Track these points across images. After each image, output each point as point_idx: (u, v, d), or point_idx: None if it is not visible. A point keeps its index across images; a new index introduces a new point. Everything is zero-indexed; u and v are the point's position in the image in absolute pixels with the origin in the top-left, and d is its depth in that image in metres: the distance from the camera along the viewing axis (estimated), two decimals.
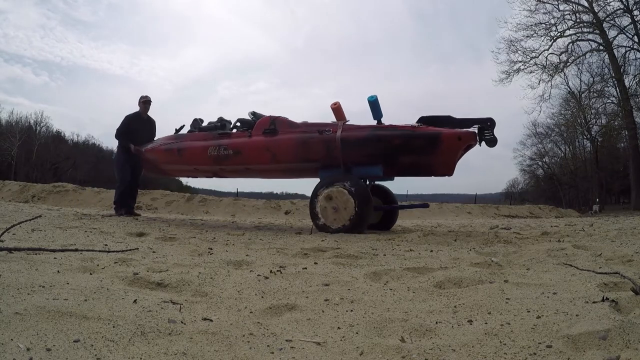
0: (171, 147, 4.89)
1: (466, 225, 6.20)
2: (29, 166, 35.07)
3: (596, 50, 19.90)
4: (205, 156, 4.57)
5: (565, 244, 2.51)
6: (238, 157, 4.39)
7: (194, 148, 4.70)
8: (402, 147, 3.77)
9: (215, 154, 4.50)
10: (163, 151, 4.97)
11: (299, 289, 1.44)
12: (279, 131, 4.26)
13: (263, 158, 4.28)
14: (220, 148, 4.47)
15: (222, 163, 4.51)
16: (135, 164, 5.54)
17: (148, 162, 5.30)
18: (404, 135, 3.77)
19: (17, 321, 0.92)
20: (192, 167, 4.85)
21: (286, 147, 4.16)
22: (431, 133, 3.73)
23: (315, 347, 0.93)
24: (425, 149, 3.73)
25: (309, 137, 4.08)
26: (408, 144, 3.76)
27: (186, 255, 2.10)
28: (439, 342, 0.93)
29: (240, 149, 4.37)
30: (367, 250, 2.47)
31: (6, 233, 2.12)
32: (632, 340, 0.86)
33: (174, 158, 4.86)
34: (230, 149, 4.41)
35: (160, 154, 5.02)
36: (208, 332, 0.97)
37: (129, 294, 1.22)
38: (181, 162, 4.85)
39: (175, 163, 4.93)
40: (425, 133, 3.75)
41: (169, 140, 5.06)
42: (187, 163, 4.81)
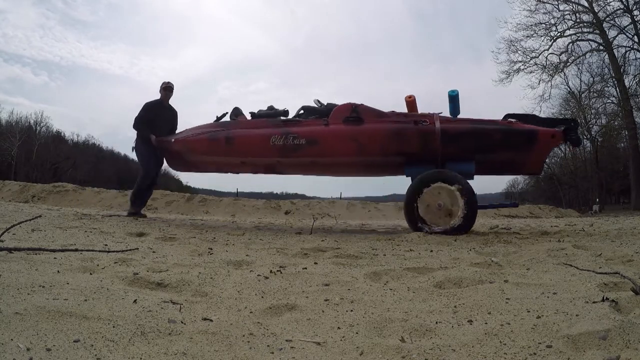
0: (216, 136, 4.21)
1: None
2: (29, 166, 35.08)
3: (596, 50, 19.90)
4: (267, 146, 3.97)
5: (565, 244, 2.50)
6: (313, 147, 3.85)
7: (251, 137, 4.09)
8: (501, 142, 3.64)
9: (281, 143, 3.92)
10: (204, 141, 4.26)
11: (299, 289, 1.44)
12: (365, 120, 3.84)
13: (347, 150, 3.81)
14: (288, 137, 3.90)
15: (289, 154, 3.94)
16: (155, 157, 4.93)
17: (176, 154, 4.59)
18: (505, 130, 3.66)
19: (17, 321, 0.92)
20: (245, 160, 4.24)
21: (377, 137, 3.75)
22: (529, 130, 3.67)
23: (315, 347, 0.93)
24: (522, 145, 3.66)
25: (404, 127, 3.75)
26: (507, 139, 3.63)
27: (186, 255, 2.10)
28: (439, 342, 0.93)
29: (317, 138, 3.84)
30: (367, 250, 2.46)
31: (6, 233, 2.12)
32: (632, 340, 0.86)
33: (220, 149, 4.18)
34: (303, 138, 3.86)
35: (199, 144, 4.30)
36: (208, 332, 0.97)
37: (129, 294, 1.22)
38: (229, 154, 4.19)
39: (219, 154, 4.25)
40: (524, 129, 3.67)
41: (210, 129, 4.36)
42: (239, 154, 4.17)
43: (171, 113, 5.17)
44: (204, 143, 4.26)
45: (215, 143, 4.21)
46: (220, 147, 4.18)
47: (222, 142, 4.16)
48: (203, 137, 4.29)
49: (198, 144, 4.31)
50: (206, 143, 4.25)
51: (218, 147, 4.19)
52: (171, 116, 5.16)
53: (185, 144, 4.40)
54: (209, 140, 4.24)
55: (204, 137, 4.29)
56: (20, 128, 35.67)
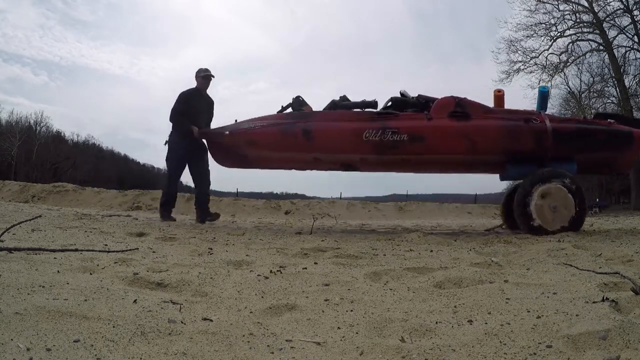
0: (291, 129, 3.78)
1: (466, 225, 6.20)
2: (29, 166, 35.10)
3: (596, 50, 19.89)
4: (359, 141, 3.62)
5: (565, 244, 2.50)
6: (417, 144, 3.58)
7: (338, 131, 3.71)
8: (604, 143, 3.63)
9: (377, 139, 3.59)
10: (274, 134, 3.82)
11: (299, 289, 1.44)
12: (472, 115, 3.64)
13: (457, 147, 3.60)
14: (385, 132, 3.59)
15: (385, 152, 3.64)
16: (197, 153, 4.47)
17: (229, 148, 4.12)
18: (609, 131, 3.66)
19: (17, 321, 0.92)
20: (324, 156, 3.83)
21: (489, 135, 3.58)
22: (627, 131, 3.68)
23: (315, 347, 0.93)
24: (621, 146, 3.67)
25: (516, 125, 3.60)
26: (610, 140, 3.63)
27: (186, 255, 2.10)
28: (439, 342, 0.93)
29: (423, 134, 3.58)
30: (367, 250, 2.46)
31: (6, 233, 2.12)
32: (632, 340, 0.86)
33: (295, 143, 3.77)
34: (405, 133, 3.57)
35: (266, 138, 3.85)
36: (208, 332, 0.97)
37: (129, 294, 1.22)
38: (306, 149, 3.77)
39: (292, 149, 3.83)
40: (624, 130, 3.69)
41: (278, 120, 3.92)
42: (319, 150, 3.76)
43: (208, 103, 4.70)
44: (274, 136, 3.82)
45: (289, 136, 3.77)
46: (296, 141, 3.74)
47: (298, 135, 3.73)
48: (273, 129, 3.85)
49: (265, 137, 3.85)
50: (277, 136, 3.81)
51: (293, 141, 3.76)
52: (208, 106, 4.70)
53: (248, 137, 3.92)
54: (281, 134, 3.80)
55: (274, 129, 3.85)
56: (20, 128, 35.70)
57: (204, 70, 4.68)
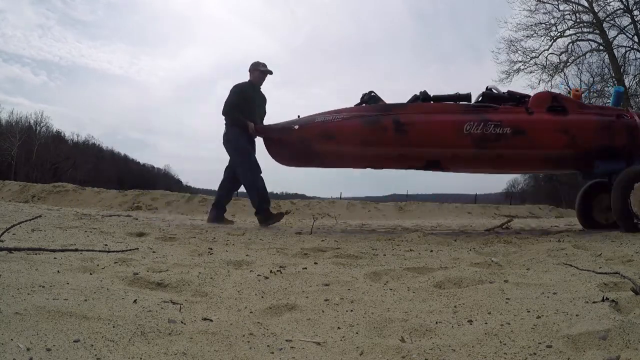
0: (379, 121, 3.49)
1: (466, 225, 6.20)
2: (29, 166, 35.10)
3: (596, 50, 19.89)
4: (459, 135, 3.43)
5: (565, 244, 2.50)
6: (519, 138, 3.42)
7: (436, 122, 3.48)
8: None
9: (479, 132, 3.41)
10: (357, 127, 3.51)
11: (299, 289, 1.44)
12: (569, 110, 3.54)
13: (558, 142, 3.47)
14: (487, 125, 3.40)
15: (488, 145, 3.44)
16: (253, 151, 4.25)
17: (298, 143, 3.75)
18: None
19: (17, 321, 0.92)
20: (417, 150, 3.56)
21: (588, 129, 3.48)
22: None
23: (315, 347, 0.93)
24: None
25: (611, 120, 3.53)
26: None
27: (186, 255, 2.10)
28: (439, 342, 0.93)
29: (525, 127, 3.44)
30: (367, 250, 2.46)
31: (6, 233, 2.12)
32: (632, 340, 0.86)
33: (383, 136, 3.49)
34: (508, 126, 3.41)
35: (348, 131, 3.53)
36: (208, 332, 0.97)
37: (129, 294, 1.22)
38: (395, 143, 3.51)
39: (379, 144, 3.55)
40: None
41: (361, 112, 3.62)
42: (414, 143, 3.50)
43: (263, 99, 4.41)
44: (358, 129, 3.51)
45: (377, 130, 3.48)
46: (385, 135, 3.47)
47: (389, 128, 3.45)
48: (356, 122, 3.53)
49: (346, 131, 3.54)
50: (361, 129, 3.50)
51: (381, 134, 3.48)
52: (263, 103, 4.43)
53: (324, 131, 3.58)
54: (367, 126, 3.49)
55: (357, 122, 3.53)
56: (20, 128, 35.71)
57: (261, 65, 4.36)
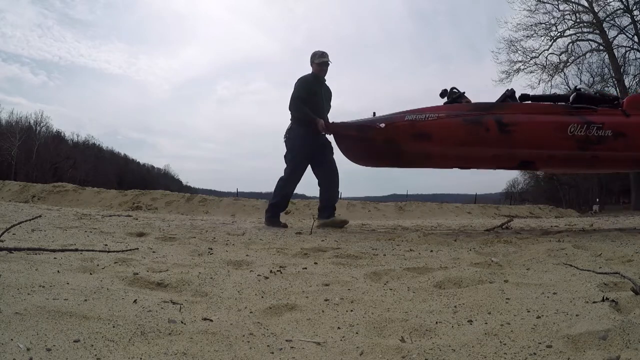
0: (480, 121, 3.39)
1: (466, 225, 6.20)
2: (29, 166, 35.12)
3: (596, 50, 19.91)
4: (563, 136, 3.35)
5: (565, 244, 2.50)
6: (620, 140, 3.38)
7: (541, 123, 3.40)
8: None
9: (582, 134, 3.33)
10: (456, 126, 3.40)
11: (299, 289, 1.44)
12: None
13: None
14: (590, 127, 3.33)
15: (590, 148, 3.39)
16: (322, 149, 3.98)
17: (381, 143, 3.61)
18: None
19: (17, 321, 0.92)
20: (518, 152, 3.49)
21: None
22: None
23: (315, 347, 0.93)
24: None
25: None
26: None
27: (186, 255, 2.10)
28: (439, 342, 0.93)
29: (625, 130, 3.40)
30: (367, 250, 2.46)
31: (6, 233, 2.12)
32: (632, 340, 0.86)
33: (484, 136, 3.38)
34: (609, 129, 3.36)
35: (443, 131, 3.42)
36: (208, 332, 0.97)
37: (129, 294, 1.22)
38: (497, 143, 3.41)
39: (477, 144, 3.43)
40: None
41: (459, 112, 3.51)
42: (517, 144, 3.41)
43: (328, 92, 4.08)
44: (456, 129, 3.39)
45: (477, 129, 3.37)
46: (487, 135, 3.37)
47: (491, 128, 3.36)
48: (455, 121, 3.42)
49: (446, 131, 3.42)
50: (460, 129, 3.39)
51: (482, 134, 3.37)
52: (329, 96, 4.10)
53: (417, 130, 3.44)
54: (467, 126, 3.38)
55: (456, 121, 3.42)
56: (20, 128, 35.72)
57: (319, 55, 4.03)
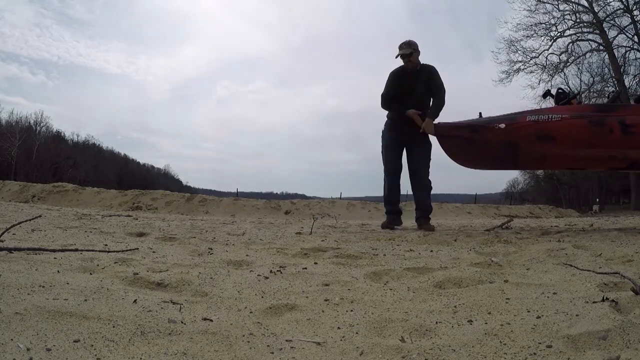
0: (606, 122, 3.36)
1: (466, 225, 6.20)
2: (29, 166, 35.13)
3: (596, 50, 19.91)
4: None
5: (565, 244, 2.50)
6: None
7: None
8: None
9: None
10: (582, 127, 3.38)
11: (299, 289, 1.44)
12: None
13: None
14: None
15: None
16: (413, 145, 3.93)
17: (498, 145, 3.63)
18: None
19: (17, 321, 0.92)
20: (634, 152, 3.45)
21: None
22: None
23: (315, 347, 0.93)
24: None
25: None
26: None
27: (186, 255, 2.10)
28: (439, 342, 0.93)
29: None
30: (367, 250, 2.46)
31: (6, 233, 2.12)
32: (632, 340, 0.86)
33: (607, 138, 3.36)
34: None
35: (567, 132, 3.40)
36: (208, 332, 0.97)
37: (129, 294, 1.22)
38: (618, 145, 3.39)
39: (599, 146, 3.42)
40: None
41: (582, 112, 3.48)
42: (637, 146, 3.38)
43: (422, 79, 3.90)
44: (583, 130, 3.36)
45: (602, 131, 3.33)
46: (611, 136, 3.33)
47: (615, 129, 3.32)
48: (581, 122, 3.39)
49: (571, 132, 3.39)
50: (587, 130, 3.35)
51: (606, 136, 3.34)
52: (425, 85, 3.91)
53: (542, 132, 3.43)
54: (593, 127, 3.34)
55: (582, 122, 3.39)
56: (20, 128, 35.73)
57: (398, 49, 3.90)
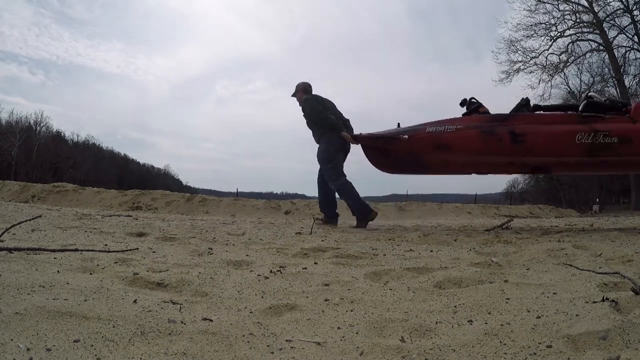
0: (495, 131, 3.70)
1: (466, 225, 6.20)
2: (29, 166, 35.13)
3: (596, 50, 19.91)
4: (571, 144, 3.62)
5: (565, 244, 2.50)
6: (625, 146, 3.64)
7: (551, 133, 3.68)
8: None
9: (589, 142, 3.59)
10: (474, 137, 3.71)
11: (299, 289, 1.44)
12: None
13: None
14: (597, 134, 3.59)
15: (597, 154, 3.65)
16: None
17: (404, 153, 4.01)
18: None
19: (17, 321, 0.92)
20: (530, 159, 3.79)
21: None
22: None
23: (315, 347, 0.93)
24: None
25: None
26: None
27: (186, 255, 2.10)
28: (439, 342, 0.93)
29: (631, 136, 3.63)
30: (367, 250, 2.46)
31: (6, 233, 2.12)
32: (632, 340, 0.86)
33: (498, 146, 3.69)
34: (615, 136, 3.61)
35: (464, 142, 3.75)
36: (208, 332, 0.97)
37: (129, 294, 1.22)
38: (511, 152, 3.71)
39: (492, 153, 3.75)
40: None
41: (475, 123, 3.81)
42: (529, 152, 3.71)
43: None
44: (473, 139, 3.72)
45: (492, 139, 3.68)
46: (501, 144, 3.67)
47: (504, 138, 3.66)
48: (472, 132, 3.75)
49: (463, 142, 3.76)
50: (477, 139, 3.71)
51: (496, 144, 3.68)
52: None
53: (437, 141, 3.80)
54: (483, 136, 3.70)
55: (473, 132, 3.75)
56: (20, 128, 35.74)
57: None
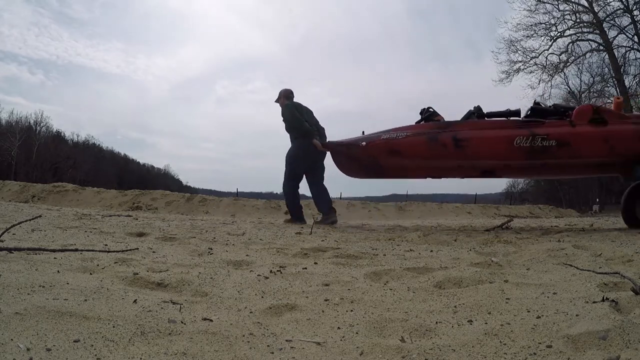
0: (439, 138, 3.96)
1: (466, 225, 6.20)
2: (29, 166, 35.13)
3: (596, 50, 19.89)
4: (510, 148, 3.83)
5: (565, 244, 2.50)
6: (564, 149, 3.81)
7: (490, 138, 3.90)
8: None
9: (527, 145, 3.80)
10: (422, 143, 4.00)
11: (299, 289, 1.44)
12: (609, 121, 3.83)
13: (599, 151, 3.81)
14: (535, 138, 3.79)
15: (536, 157, 3.85)
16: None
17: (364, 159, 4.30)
18: None
19: (17, 321, 0.92)
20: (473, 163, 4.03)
21: (627, 138, 3.79)
22: None
23: (315, 347, 0.93)
24: None
25: None
26: None
27: (186, 255, 2.10)
28: (439, 342, 0.93)
29: (569, 140, 3.80)
30: (367, 250, 2.46)
31: (6, 233, 2.12)
32: (632, 340, 0.86)
33: (443, 151, 3.95)
34: (553, 139, 3.79)
35: (413, 148, 4.04)
36: (208, 332, 0.97)
37: (129, 294, 1.22)
38: (454, 156, 3.96)
39: (439, 157, 4.02)
40: None
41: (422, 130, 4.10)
42: (471, 157, 3.95)
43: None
44: (420, 146, 4.01)
45: (437, 145, 3.95)
46: (445, 150, 3.94)
47: (448, 144, 3.93)
48: (419, 139, 4.03)
49: (410, 147, 4.05)
50: (423, 146, 4.00)
51: (441, 149, 3.95)
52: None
53: (390, 147, 4.09)
54: (429, 143, 3.98)
55: (420, 139, 4.02)
56: (20, 128, 35.74)
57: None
